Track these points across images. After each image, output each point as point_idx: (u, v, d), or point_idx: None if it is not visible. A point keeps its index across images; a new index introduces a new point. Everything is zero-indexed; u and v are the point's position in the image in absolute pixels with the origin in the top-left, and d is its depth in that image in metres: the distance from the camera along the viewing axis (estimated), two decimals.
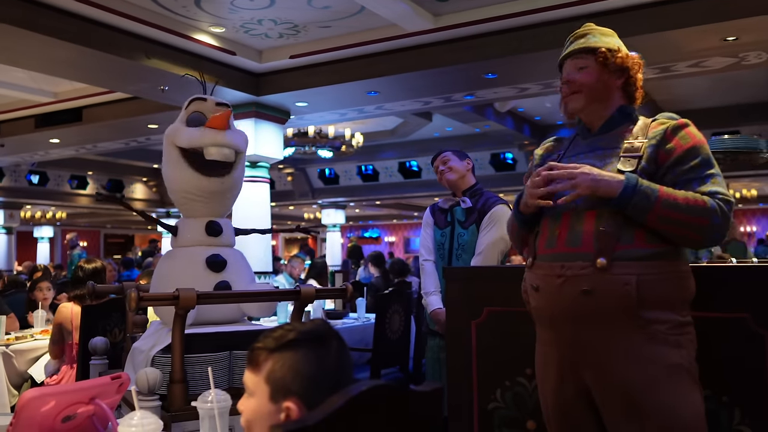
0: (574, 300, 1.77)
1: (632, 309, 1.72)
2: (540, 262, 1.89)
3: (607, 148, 1.90)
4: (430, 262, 3.35)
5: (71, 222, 21.99)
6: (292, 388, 1.22)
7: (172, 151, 2.61)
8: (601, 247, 1.75)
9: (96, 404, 1.63)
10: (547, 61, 5.95)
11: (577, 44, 1.99)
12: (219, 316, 2.58)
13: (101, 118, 8.49)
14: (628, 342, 1.73)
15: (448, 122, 11.07)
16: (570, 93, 1.96)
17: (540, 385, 1.98)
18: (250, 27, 6.08)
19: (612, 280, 1.73)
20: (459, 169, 3.35)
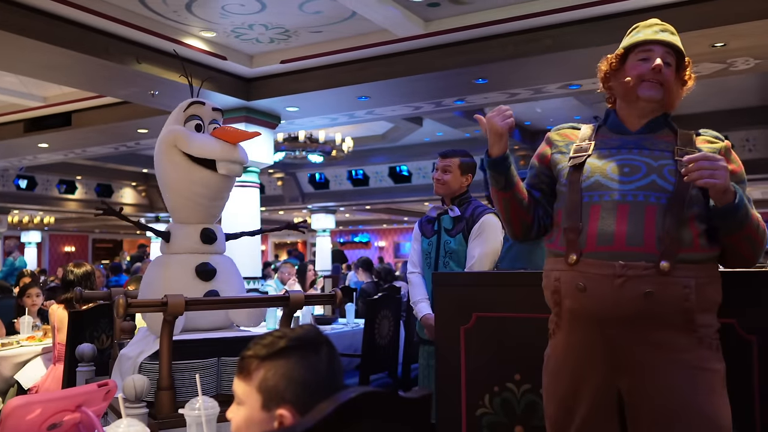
0: (633, 302, 1.69)
1: (689, 312, 1.69)
2: (590, 259, 1.75)
3: (655, 150, 1.84)
4: (416, 273, 3.35)
5: (59, 227, 21.87)
6: (286, 395, 1.21)
7: (175, 155, 2.56)
8: (665, 250, 1.69)
9: (82, 412, 1.62)
10: (539, 66, 5.99)
11: (672, 38, 1.92)
12: (207, 324, 2.57)
13: (91, 122, 8.45)
14: (678, 346, 1.70)
15: (438, 127, 11.09)
16: (655, 79, 1.86)
17: (553, 395, 1.87)
18: (241, 32, 6.08)
19: (674, 283, 1.68)
20: (452, 186, 3.29)
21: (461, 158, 3.32)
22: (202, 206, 2.63)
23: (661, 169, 1.79)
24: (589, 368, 1.78)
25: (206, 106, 2.64)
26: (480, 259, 3.16)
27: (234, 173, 2.57)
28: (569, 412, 1.82)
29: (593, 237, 1.76)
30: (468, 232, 3.21)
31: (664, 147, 1.84)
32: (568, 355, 1.83)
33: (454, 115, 9.39)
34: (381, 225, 25.78)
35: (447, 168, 3.30)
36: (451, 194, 3.32)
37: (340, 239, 27.06)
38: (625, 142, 1.89)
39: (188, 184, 2.58)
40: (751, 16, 4.91)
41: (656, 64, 1.85)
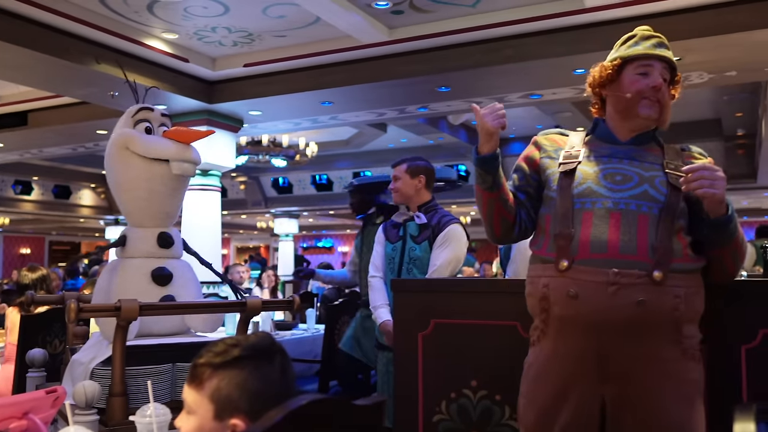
0: (625, 310, 1.68)
1: (678, 322, 1.71)
2: (582, 266, 1.73)
3: (645, 161, 1.85)
4: (378, 278, 3.36)
5: (15, 228, 21.33)
6: (240, 405, 1.20)
7: (126, 155, 2.54)
8: (659, 259, 1.70)
9: (29, 419, 1.58)
10: (501, 75, 6.06)
11: (668, 53, 1.93)
12: (162, 330, 2.53)
13: (48, 122, 8.27)
14: (666, 356, 1.71)
15: (402, 134, 11.14)
16: (654, 98, 1.87)
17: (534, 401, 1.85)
18: (204, 34, 6.02)
19: (665, 292, 1.69)
20: (406, 192, 3.35)
21: (408, 163, 3.39)
22: (157, 208, 2.60)
23: (653, 179, 1.80)
24: (576, 376, 1.76)
25: (155, 111, 2.64)
26: (441, 266, 3.19)
27: (188, 173, 2.55)
28: (550, 420, 1.79)
29: (586, 244, 1.75)
30: (433, 239, 3.24)
31: (653, 160, 1.86)
32: (554, 363, 1.80)
33: (418, 122, 9.45)
34: (344, 230, 25.73)
35: (396, 176, 3.38)
36: (408, 200, 3.35)
37: (303, 244, 26.92)
38: (615, 152, 1.89)
39: (143, 183, 2.56)
40: (705, 32, 5.04)
41: (658, 83, 1.86)
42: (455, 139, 10.84)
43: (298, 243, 25.31)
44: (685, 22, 5.07)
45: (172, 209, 2.67)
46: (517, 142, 12.03)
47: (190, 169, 2.56)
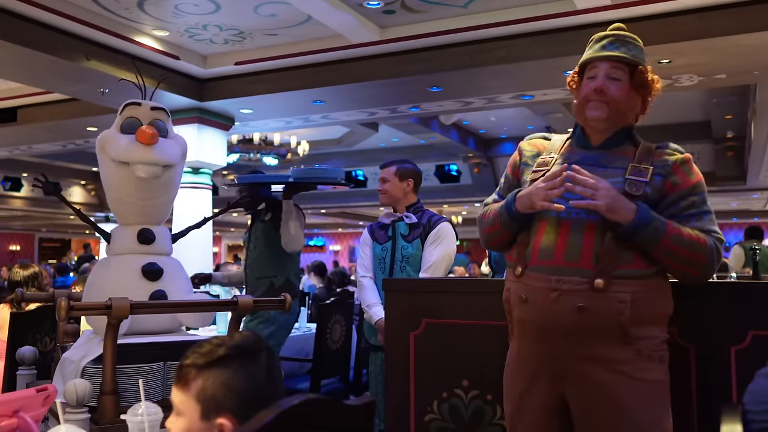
0: (567, 315, 1.75)
1: (625, 326, 1.73)
2: (532, 273, 1.83)
3: (609, 167, 1.86)
4: (368, 278, 3.38)
5: (5, 225, 21.19)
6: (225, 404, 1.20)
7: (103, 157, 2.57)
8: (602, 268, 1.74)
9: (20, 417, 1.58)
10: (493, 76, 6.08)
11: (619, 50, 1.91)
12: (154, 327, 2.53)
13: (37, 118, 8.23)
14: (615, 358, 1.74)
15: (394, 133, 11.16)
16: (598, 101, 1.87)
17: (511, 395, 1.94)
18: (195, 32, 6.01)
19: (608, 298, 1.73)
20: (394, 194, 3.39)
21: (397, 166, 3.42)
22: (135, 206, 2.60)
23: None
24: (534, 375, 1.85)
25: (143, 106, 2.60)
26: (437, 263, 3.25)
27: (149, 175, 2.51)
28: (521, 414, 1.90)
29: (536, 251, 1.84)
30: (425, 237, 3.29)
31: (620, 164, 1.86)
32: (519, 362, 1.91)
33: (410, 122, 9.47)
34: (336, 229, 25.74)
35: (385, 178, 3.41)
36: (395, 202, 3.39)
37: None
38: (585, 158, 1.90)
39: (119, 185, 2.57)
40: (695, 35, 5.08)
41: (597, 86, 1.87)
42: (447, 138, 10.87)
43: None
44: (675, 25, 5.10)
45: (153, 210, 2.64)
46: (508, 142, 12.08)
47: (150, 171, 2.50)
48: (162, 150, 2.52)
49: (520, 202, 1.88)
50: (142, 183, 2.52)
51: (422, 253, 3.28)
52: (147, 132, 2.48)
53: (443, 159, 12.98)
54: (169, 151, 2.56)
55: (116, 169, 2.53)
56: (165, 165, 2.53)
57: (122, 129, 2.56)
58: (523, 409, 1.89)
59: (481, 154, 12.38)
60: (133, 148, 2.49)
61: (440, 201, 14.79)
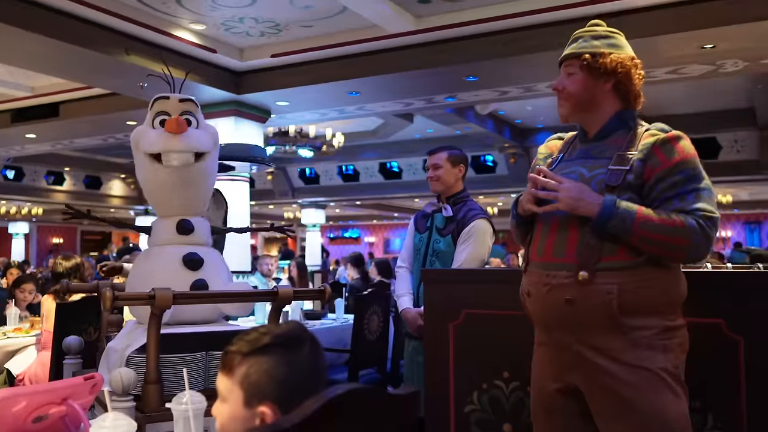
0: (558, 308, 1.82)
1: (614, 317, 1.75)
2: (531, 269, 1.93)
3: (597, 158, 1.90)
4: (404, 268, 3.35)
5: (47, 218, 21.70)
6: (267, 392, 1.21)
7: (138, 154, 2.63)
8: (584, 261, 1.79)
9: (68, 405, 1.61)
10: (529, 65, 6.00)
11: (569, 49, 1.99)
12: (195, 316, 2.56)
13: (79, 113, 8.38)
14: (613, 347, 1.76)
15: (429, 124, 11.09)
16: (559, 99, 1.98)
17: (533, 384, 2.00)
18: (232, 25, 6.05)
19: (593, 290, 1.76)
20: (446, 180, 3.29)
21: (449, 151, 3.33)
22: (171, 198, 2.65)
23: (591, 180, 1.86)
24: (547, 365, 1.93)
25: (171, 99, 2.64)
26: (465, 264, 3.14)
27: (181, 162, 2.54)
28: (542, 406, 1.96)
29: (534, 249, 1.94)
30: (457, 234, 3.20)
31: (609, 153, 1.89)
32: (535, 351, 2.00)
33: (445, 112, 9.40)
34: (371, 221, 25.78)
35: (437, 164, 3.31)
36: (447, 189, 3.31)
37: (330, 234, 27.03)
38: (581, 152, 1.98)
39: (154, 178, 2.63)
40: (741, 19, 4.93)
41: (553, 86, 2.00)
42: (482, 129, 10.77)
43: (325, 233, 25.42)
44: (720, 9, 4.97)
45: (189, 199, 2.67)
46: (544, 132, 11.93)
47: (179, 159, 2.54)
48: (191, 138, 2.56)
49: (519, 206, 2.00)
50: (175, 172, 2.56)
51: (453, 251, 3.20)
52: (173, 121, 2.52)
53: (479, 149, 12.87)
54: (199, 139, 2.59)
55: (150, 163, 2.59)
56: (196, 152, 2.57)
57: (153, 124, 2.60)
58: (542, 397, 1.94)
59: (517, 144, 12.25)
60: (162, 138, 2.53)
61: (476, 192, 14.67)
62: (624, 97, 1.94)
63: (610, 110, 1.94)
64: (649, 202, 1.80)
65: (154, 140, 2.55)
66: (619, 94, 1.94)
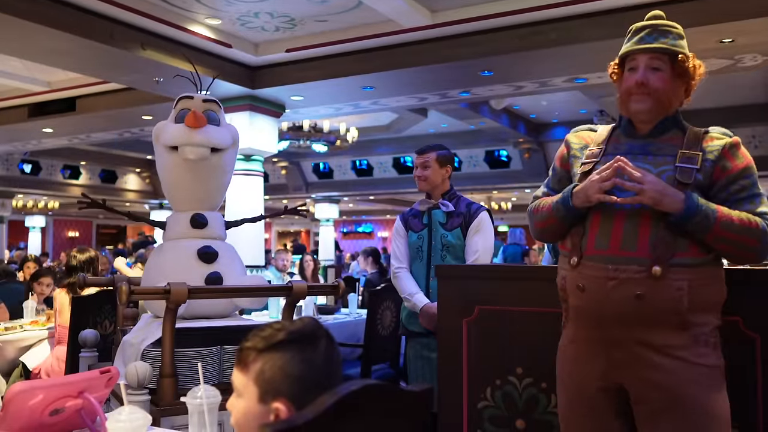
0: (625, 303, 1.77)
1: (683, 313, 1.75)
2: (588, 262, 1.85)
3: (659, 155, 1.88)
4: (403, 269, 3.35)
5: (63, 212, 21.90)
6: (281, 388, 1.21)
7: (158, 147, 2.68)
8: (659, 255, 1.76)
9: (84, 398, 1.63)
10: (544, 59, 5.97)
11: (659, 41, 1.91)
12: (210, 309, 2.57)
13: (95, 108, 8.44)
14: (673, 343, 1.76)
15: (443, 119, 11.07)
16: (641, 93, 1.89)
17: (564, 382, 1.96)
18: (247, 20, 6.06)
19: (665, 286, 1.74)
20: (434, 180, 3.31)
21: (437, 152, 3.34)
22: (187, 191, 2.69)
23: (660, 176, 1.83)
24: (590, 362, 1.86)
25: (195, 99, 2.67)
26: (484, 251, 3.22)
27: (197, 156, 2.58)
28: (575, 403, 1.91)
29: (592, 241, 1.86)
30: (466, 227, 3.24)
31: (669, 151, 1.88)
32: (573, 348, 1.93)
33: (460, 107, 9.36)
34: (384, 215, 25.79)
35: (425, 164, 3.33)
36: (433, 189, 3.33)
37: (344, 229, 27.08)
38: (632, 147, 1.93)
39: (171, 170, 2.67)
40: (760, 13, 4.88)
41: (638, 79, 1.89)
42: (497, 124, 10.73)
43: (339, 228, 25.46)
44: (739, 3, 4.91)
45: (204, 193, 2.72)
46: (559, 127, 11.87)
47: (196, 152, 2.58)
48: (208, 133, 2.59)
49: (576, 197, 1.90)
50: (191, 166, 2.60)
51: (464, 243, 3.24)
52: (192, 116, 2.55)
53: (493, 144, 12.82)
54: (216, 135, 2.62)
55: (168, 156, 2.64)
56: (212, 148, 2.61)
57: (176, 120, 2.64)
58: (578, 398, 1.90)
59: (531, 139, 12.19)
60: (180, 131, 2.58)
61: (490, 187, 14.65)
62: (683, 99, 1.95)
63: (672, 109, 1.93)
64: (718, 202, 1.81)
65: (173, 133, 2.60)
66: (684, 95, 1.94)
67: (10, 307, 4.67)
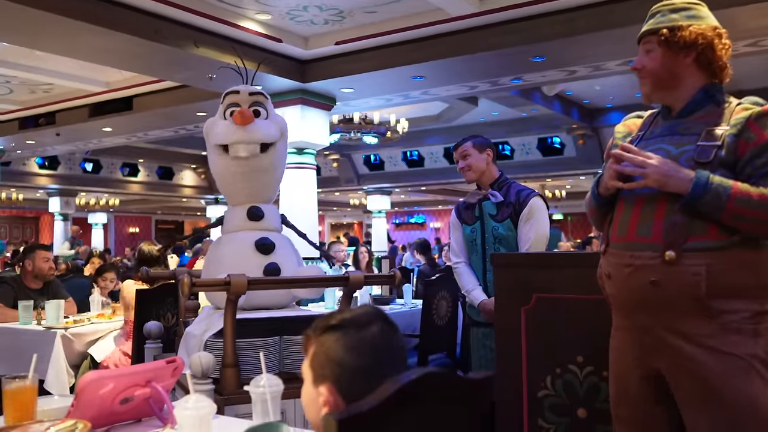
0: (641, 290, 1.75)
1: (702, 299, 1.68)
2: (612, 249, 1.86)
3: (685, 134, 1.82)
4: (462, 263, 3.31)
5: (124, 208, 22.55)
6: (326, 373, 1.22)
7: (209, 144, 2.73)
8: (672, 240, 1.71)
9: (152, 387, 1.67)
10: (599, 42, 5.83)
11: (646, 25, 1.91)
12: (269, 300, 2.62)
13: (151, 106, 8.64)
14: (700, 332, 1.70)
15: (494, 107, 10.96)
16: (639, 78, 1.91)
17: (612, 369, 1.95)
18: (296, 14, 6.10)
19: (680, 271, 1.69)
20: (479, 167, 3.26)
21: (472, 140, 3.31)
22: (241, 186, 2.73)
23: (679, 157, 1.78)
24: (628, 350, 1.86)
25: (242, 92, 2.70)
26: (538, 240, 3.13)
27: (248, 153, 2.62)
28: (620, 390, 1.90)
29: (615, 229, 1.87)
30: (516, 216, 3.16)
31: (697, 129, 1.81)
32: (613, 336, 1.94)
33: (510, 94, 9.26)
34: (436, 206, 25.71)
35: (464, 153, 3.28)
36: (482, 176, 3.27)
37: (396, 220, 27.11)
38: (664, 129, 1.90)
39: (224, 167, 2.72)
40: None
41: (632, 67, 1.93)
42: (549, 110, 10.57)
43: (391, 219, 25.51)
44: None
45: (257, 188, 2.75)
46: (614, 112, 11.61)
47: (247, 150, 2.62)
48: (257, 129, 2.63)
49: (600, 185, 1.93)
50: (242, 162, 2.63)
51: (516, 233, 3.17)
52: (240, 114, 2.58)
53: (546, 131, 12.63)
54: (265, 130, 2.65)
55: (219, 153, 2.69)
56: (262, 143, 2.64)
57: (225, 116, 2.68)
58: (624, 386, 1.88)
59: (585, 125, 11.96)
60: (229, 130, 2.62)
61: (543, 175, 14.43)
62: (708, 69, 1.85)
63: (695, 85, 1.85)
64: (743, 178, 1.71)
65: (223, 132, 2.64)
66: (703, 67, 1.85)
67: (77, 301, 4.83)
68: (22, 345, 4.05)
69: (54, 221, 16.43)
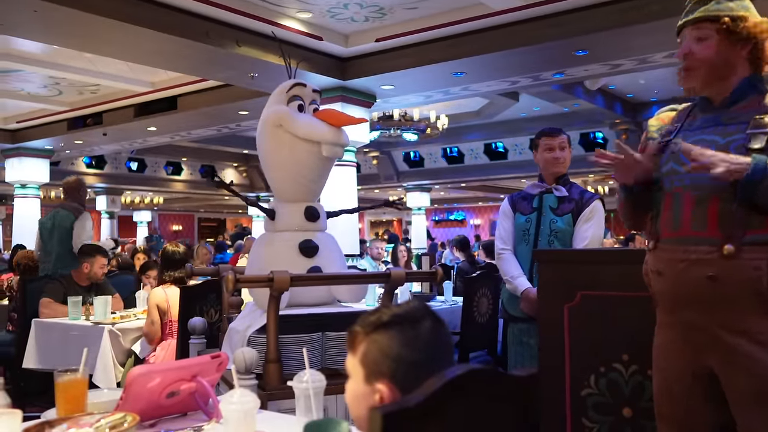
0: (698, 285, 1.71)
1: (763, 294, 1.65)
2: (663, 245, 1.82)
3: (731, 124, 1.78)
4: (508, 251, 3.29)
5: (167, 207, 22.97)
6: (383, 369, 1.23)
7: (281, 135, 2.59)
8: (730, 233, 1.67)
9: (198, 381, 1.70)
10: (643, 34, 5.71)
11: (699, 10, 1.83)
12: (311, 300, 2.63)
13: (195, 105, 8.76)
14: (757, 327, 1.67)
15: (535, 102, 10.82)
16: (686, 68, 1.84)
17: (655, 367, 1.92)
18: (337, 11, 6.12)
19: (740, 266, 1.66)
20: (568, 162, 3.29)
21: (565, 134, 3.33)
22: (306, 185, 2.69)
23: (727, 146, 1.73)
24: (675, 348, 1.83)
25: (307, 87, 2.69)
26: (594, 240, 3.15)
27: (337, 155, 2.63)
28: (663, 388, 1.89)
29: (665, 224, 1.83)
30: (578, 213, 3.17)
31: (743, 119, 1.77)
32: (661, 334, 1.90)
33: (552, 89, 9.13)
34: (476, 203, 25.57)
35: (563, 144, 3.27)
36: (564, 171, 3.28)
37: (435, 217, 27.04)
38: (706, 121, 1.86)
39: (293, 164, 2.63)
40: None
41: (680, 53, 1.85)
42: (592, 105, 10.39)
43: (430, 216, 25.45)
44: None
45: (319, 186, 2.77)
46: (659, 105, 11.37)
47: (339, 152, 2.63)
48: (346, 134, 2.65)
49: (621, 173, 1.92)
50: (323, 162, 2.63)
51: (573, 229, 3.16)
52: (340, 115, 2.59)
53: (588, 126, 12.43)
54: (348, 136, 2.69)
55: (296, 147, 2.58)
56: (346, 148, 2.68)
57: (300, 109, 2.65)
58: (670, 385, 1.85)
59: (629, 119, 11.73)
60: (324, 128, 2.58)
61: (585, 171, 14.21)
62: (755, 62, 1.83)
63: (741, 76, 1.82)
64: None
65: (316, 128, 2.57)
66: (752, 59, 1.82)
67: (124, 297, 4.93)
68: (71, 339, 4.16)
69: (101, 219, 16.83)
